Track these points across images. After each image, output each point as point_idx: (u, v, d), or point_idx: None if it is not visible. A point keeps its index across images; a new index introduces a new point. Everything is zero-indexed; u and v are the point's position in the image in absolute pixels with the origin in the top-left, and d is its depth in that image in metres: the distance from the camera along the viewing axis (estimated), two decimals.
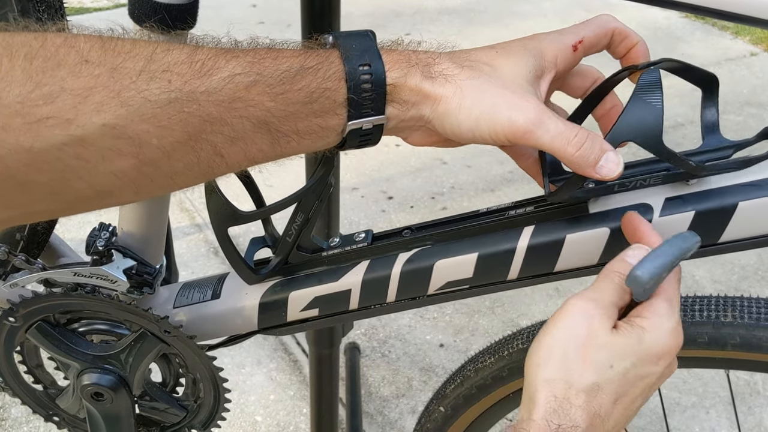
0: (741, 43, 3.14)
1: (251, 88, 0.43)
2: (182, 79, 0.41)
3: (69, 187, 0.41)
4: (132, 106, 0.40)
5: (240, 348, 1.65)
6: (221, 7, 3.37)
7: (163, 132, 0.41)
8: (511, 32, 3.14)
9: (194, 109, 0.41)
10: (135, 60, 0.40)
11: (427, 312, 1.76)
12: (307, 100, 0.44)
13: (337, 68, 0.45)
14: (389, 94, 0.47)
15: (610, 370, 0.48)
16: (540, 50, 0.50)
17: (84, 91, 0.39)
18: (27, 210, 0.42)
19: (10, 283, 0.67)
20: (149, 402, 0.74)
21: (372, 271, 0.61)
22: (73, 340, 0.69)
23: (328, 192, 0.60)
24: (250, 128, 0.44)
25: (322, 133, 0.46)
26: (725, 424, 1.47)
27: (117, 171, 0.41)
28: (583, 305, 0.49)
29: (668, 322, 0.49)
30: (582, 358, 0.48)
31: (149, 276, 0.70)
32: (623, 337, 0.48)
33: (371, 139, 0.49)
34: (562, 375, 0.48)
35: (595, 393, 0.47)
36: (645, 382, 0.49)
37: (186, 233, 2.02)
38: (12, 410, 1.48)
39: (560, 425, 0.46)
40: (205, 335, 0.69)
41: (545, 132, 0.47)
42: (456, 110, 0.47)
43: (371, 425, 1.50)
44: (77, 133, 0.39)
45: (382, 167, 2.31)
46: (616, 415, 0.48)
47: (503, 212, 0.59)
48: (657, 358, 0.49)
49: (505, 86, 0.48)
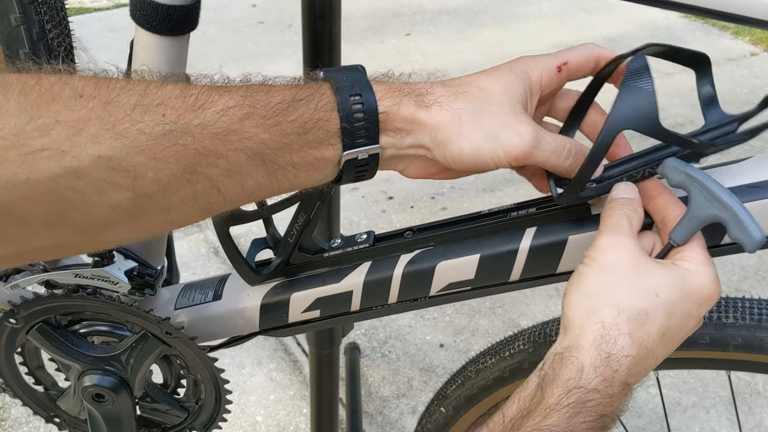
0: (741, 43, 3.14)
1: (245, 121, 0.43)
2: (176, 112, 0.42)
3: (66, 219, 0.41)
4: (127, 138, 0.40)
5: (240, 348, 1.65)
6: (221, 7, 3.37)
7: (158, 164, 0.41)
8: (511, 33, 3.14)
9: (189, 142, 0.42)
10: (129, 95, 0.41)
11: (428, 312, 1.76)
12: (300, 130, 0.45)
13: (328, 99, 0.46)
14: (382, 123, 0.47)
15: (657, 298, 0.46)
16: (527, 72, 0.52)
17: (79, 123, 0.39)
18: (25, 246, 0.42)
19: (11, 284, 0.67)
20: (150, 403, 0.74)
21: (374, 272, 0.61)
22: (74, 342, 0.69)
23: (329, 193, 0.60)
24: (246, 160, 0.44)
25: (317, 164, 0.47)
26: (725, 424, 1.47)
27: (113, 204, 0.41)
28: (621, 238, 0.48)
29: (710, 268, 0.49)
30: (630, 284, 0.47)
31: (150, 277, 0.70)
32: (667, 271, 0.48)
33: (368, 171, 0.49)
34: (610, 300, 0.46)
35: (643, 320, 0.46)
36: (687, 324, 0.48)
37: (187, 233, 2.01)
38: (12, 411, 1.48)
39: (610, 354, 0.45)
40: (206, 336, 0.69)
41: (542, 151, 0.49)
42: (456, 138, 0.48)
43: (371, 425, 1.50)
44: (73, 165, 0.39)
45: None
46: (658, 352, 0.47)
47: (505, 213, 0.59)
48: (700, 300, 0.48)
49: (501, 110, 0.49)
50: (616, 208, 0.50)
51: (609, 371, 0.45)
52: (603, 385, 0.45)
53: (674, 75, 2.71)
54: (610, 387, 0.45)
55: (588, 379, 0.45)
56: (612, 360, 0.45)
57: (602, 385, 0.45)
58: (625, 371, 0.45)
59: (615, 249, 0.48)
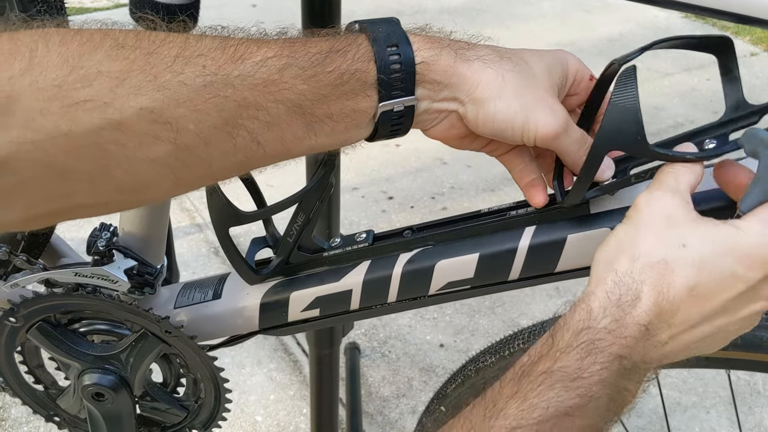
0: (741, 43, 3.14)
1: (284, 72, 0.43)
2: (216, 63, 0.41)
3: (108, 175, 0.41)
4: (168, 89, 0.40)
5: (240, 348, 1.65)
6: (221, 6, 3.37)
7: (199, 116, 0.41)
8: (511, 33, 3.14)
9: (230, 93, 0.42)
10: (170, 46, 0.41)
11: (428, 312, 1.76)
12: (338, 82, 0.45)
13: (365, 50, 0.46)
14: (419, 74, 0.47)
15: (682, 249, 0.43)
16: (567, 62, 0.52)
17: (121, 74, 0.39)
18: (68, 203, 0.42)
19: (11, 283, 0.67)
20: (150, 402, 0.74)
21: (373, 271, 0.61)
22: (74, 341, 0.69)
23: (329, 192, 0.60)
24: (285, 112, 0.44)
25: (354, 116, 0.47)
26: (725, 424, 1.47)
27: (155, 158, 0.41)
28: (657, 193, 0.46)
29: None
30: (655, 235, 0.44)
31: (150, 276, 0.70)
32: (708, 225, 0.44)
33: (403, 125, 0.49)
34: (630, 251, 0.45)
35: (662, 270, 0.43)
36: (729, 285, 0.44)
37: (187, 233, 2.02)
38: (12, 410, 1.48)
39: (621, 296, 0.43)
40: (206, 335, 0.69)
41: (568, 136, 0.49)
42: (496, 98, 0.48)
43: (371, 425, 1.50)
44: (115, 117, 0.39)
45: (382, 167, 2.31)
46: (691, 310, 0.44)
47: (504, 212, 0.59)
48: (749, 261, 0.43)
49: (542, 86, 0.49)
50: (667, 166, 0.48)
51: (619, 312, 0.43)
52: (614, 325, 0.43)
53: (674, 75, 2.71)
54: (623, 328, 0.43)
55: (597, 319, 0.43)
56: (623, 302, 0.43)
57: (613, 326, 0.43)
58: (641, 315, 0.43)
59: (650, 204, 0.46)
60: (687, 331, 0.44)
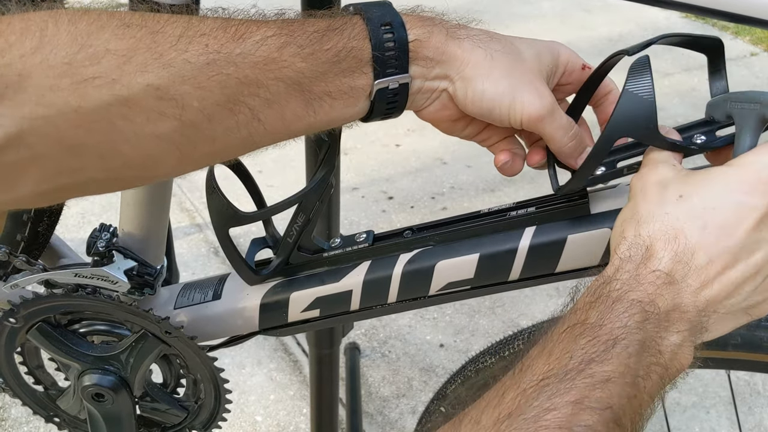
0: (741, 43, 3.14)
1: (283, 50, 0.45)
2: (219, 42, 0.43)
3: (116, 150, 0.42)
4: (173, 67, 0.41)
5: (240, 348, 1.65)
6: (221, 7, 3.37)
7: (203, 93, 0.43)
8: (511, 33, 3.12)
9: (232, 71, 0.43)
10: (174, 26, 0.42)
11: (427, 312, 1.76)
12: (335, 59, 0.47)
13: (360, 29, 0.48)
14: (413, 51, 0.49)
15: (680, 199, 0.45)
16: (558, 51, 0.54)
17: (128, 52, 0.40)
18: (78, 178, 0.43)
19: (11, 284, 0.67)
20: (150, 403, 0.74)
21: (373, 271, 0.61)
22: (74, 341, 0.69)
23: (329, 193, 0.60)
24: (284, 90, 0.45)
25: (351, 94, 0.48)
26: (725, 424, 1.47)
27: (161, 134, 0.43)
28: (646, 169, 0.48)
29: (764, 156, 0.44)
30: (650, 199, 0.46)
31: (150, 277, 0.70)
32: (698, 173, 0.46)
33: (398, 103, 0.51)
34: (634, 217, 0.46)
35: (668, 222, 0.44)
36: (746, 215, 0.43)
37: (186, 233, 2.02)
38: (12, 411, 1.48)
39: (632, 255, 0.45)
40: (206, 336, 0.69)
41: (553, 120, 0.51)
42: (484, 77, 0.49)
43: (371, 425, 1.50)
44: (123, 93, 0.40)
45: (382, 167, 2.31)
46: (714, 251, 0.43)
47: (504, 213, 0.59)
48: (749, 187, 0.43)
49: (530, 70, 0.51)
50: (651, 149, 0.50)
51: (634, 267, 0.44)
52: (630, 278, 0.44)
53: (674, 75, 2.71)
54: (640, 277, 0.43)
55: (613, 277, 0.44)
56: (636, 259, 0.44)
57: (629, 278, 0.44)
58: (656, 263, 0.44)
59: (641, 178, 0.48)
60: (722, 274, 0.44)
